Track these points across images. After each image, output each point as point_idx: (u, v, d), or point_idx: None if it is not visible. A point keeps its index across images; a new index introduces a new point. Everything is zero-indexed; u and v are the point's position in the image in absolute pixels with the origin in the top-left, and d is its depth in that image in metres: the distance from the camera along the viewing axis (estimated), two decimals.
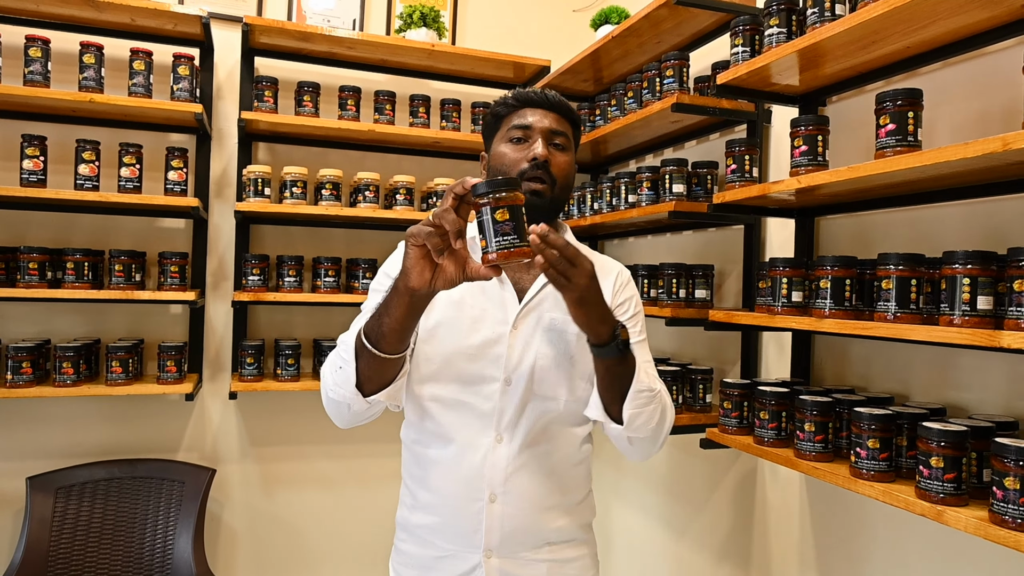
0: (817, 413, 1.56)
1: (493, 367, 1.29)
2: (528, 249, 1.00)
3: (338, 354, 1.20)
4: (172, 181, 2.50)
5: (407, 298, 1.06)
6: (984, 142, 1.14)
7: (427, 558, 1.34)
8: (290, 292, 2.60)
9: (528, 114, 1.32)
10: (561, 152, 1.33)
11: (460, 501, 1.30)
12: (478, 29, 3.15)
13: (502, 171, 1.30)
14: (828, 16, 1.53)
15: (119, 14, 2.45)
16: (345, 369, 1.16)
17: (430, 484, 1.33)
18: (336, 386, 1.19)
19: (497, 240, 1.00)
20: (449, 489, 1.30)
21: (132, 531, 2.49)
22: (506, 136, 1.33)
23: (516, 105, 1.34)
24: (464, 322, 1.29)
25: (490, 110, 1.38)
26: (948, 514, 1.23)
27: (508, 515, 1.29)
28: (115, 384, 2.38)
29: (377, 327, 1.11)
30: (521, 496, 1.30)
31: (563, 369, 1.31)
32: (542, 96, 1.34)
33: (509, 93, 1.36)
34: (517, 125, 1.32)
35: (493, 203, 0.99)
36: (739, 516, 2.26)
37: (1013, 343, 1.11)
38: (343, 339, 1.20)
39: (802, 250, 1.94)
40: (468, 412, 1.30)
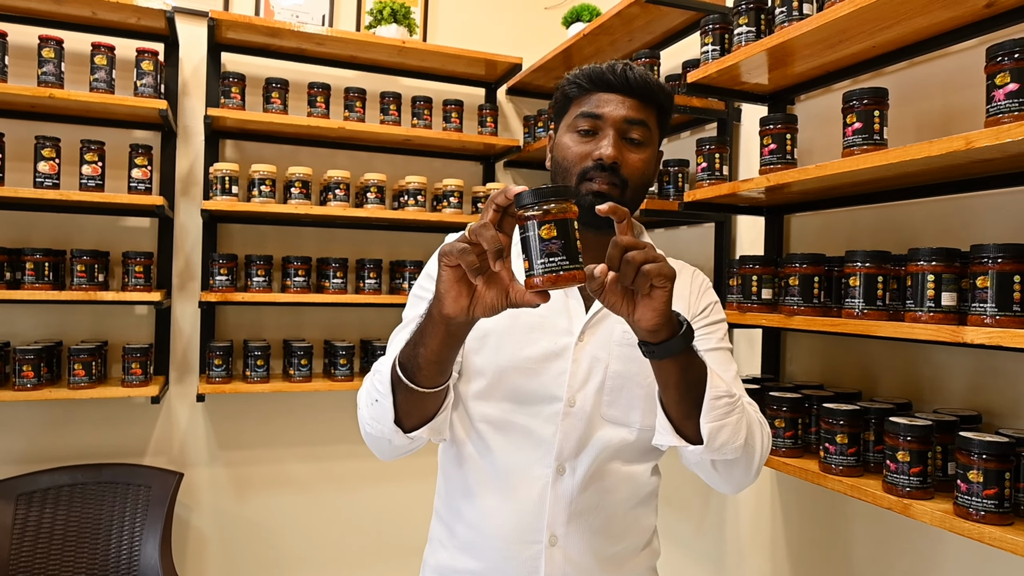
0: (787, 410, 1.57)
1: (555, 385, 1.10)
2: (580, 273, 0.82)
3: (373, 385, 1.01)
4: (136, 179, 2.44)
5: (443, 327, 0.89)
6: (947, 141, 1.15)
7: None
8: (259, 292, 2.56)
9: (601, 101, 1.10)
10: (636, 149, 1.11)
11: (513, 544, 1.10)
12: (449, 26, 3.13)
13: (563, 166, 1.12)
14: (796, 15, 1.55)
15: (79, 7, 2.39)
16: (382, 403, 0.99)
17: (475, 521, 1.13)
18: (373, 421, 1.02)
19: (542, 262, 0.81)
20: (500, 528, 1.11)
21: (97, 538, 2.43)
22: (573, 124, 1.11)
23: (588, 88, 1.11)
24: (520, 330, 1.11)
25: (560, 88, 1.16)
26: (914, 507, 1.25)
27: (572, 560, 1.10)
28: (78, 387, 2.32)
29: (413, 359, 0.94)
30: (586, 538, 1.11)
31: (638, 390, 1.12)
32: (622, 77, 1.09)
33: (584, 69, 1.13)
34: (586, 113, 1.10)
35: (539, 217, 0.81)
36: (712, 513, 2.28)
37: (976, 338, 1.13)
38: (379, 367, 1.03)
39: (772, 247, 1.96)
40: (524, 437, 1.11)
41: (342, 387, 2.63)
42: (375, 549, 2.96)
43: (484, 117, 2.97)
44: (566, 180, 1.11)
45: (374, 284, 2.71)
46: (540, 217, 0.81)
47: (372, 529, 2.96)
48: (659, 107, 1.14)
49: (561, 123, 1.16)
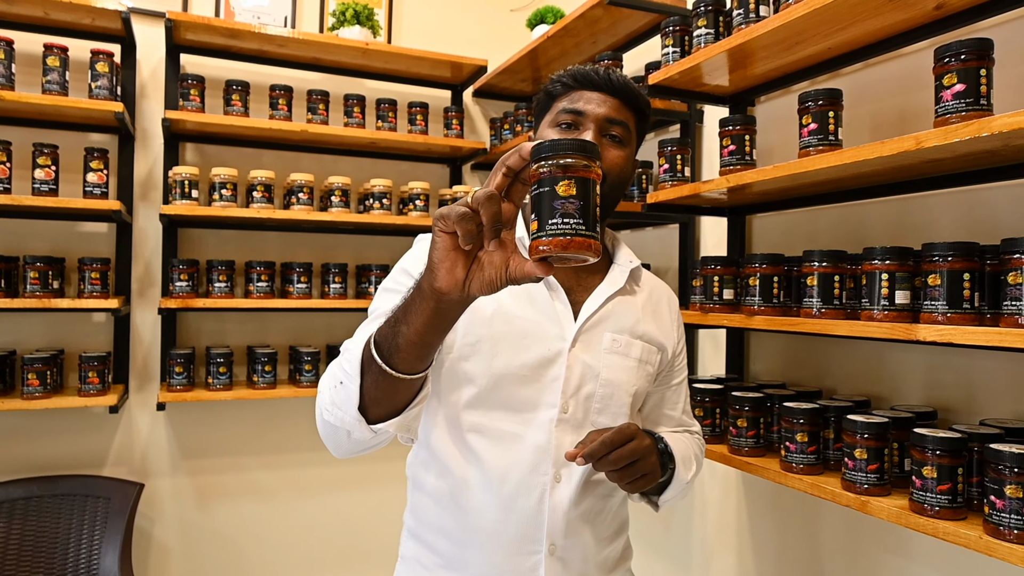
0: (748, 409, 1.58)
1: (549, 392, 1.09)
2: (595, 242, 0.70)
3: (340, 366, 0.91)
4: (91, 183, 2.38)
5: (432, 303, 0.78)
6: (898, 141, 1.17)
7: None
8: (221, 298, 2.51)
9: (583, 98, 1.11)
10: (616, 146, 1.11)
11: (511, 556, 1.07)
12: (414, 28, 3.11)
13: None
14: (753, 17, 1.56)
15: (31, 7, 2.32)
16: (347, 385, 0.89)
17: (466, 540, 1.09)
18: (334, 406, 0.91)
19: (554, 223, 0.68)
20: (497, 544, 1.07)
21: (54, 552, 2.36)
22: (555, 120, 1.12)
23: (572, 85, 1.13)
24: (513, 337, 1.08)
25: (543, 88, 1.17)
26: (872, 504, 1.26)
27: (569, 568, 1.10)
28: (32, 398, 2.25)
29: (392, 337, 0.83)
30: (581, 544, 1.11)
31: (625, 397, 1.14)
32: (604, 77, 1.12)
33: (567, 69, 1.15)
34: (568, 109, 1.11)
35: (557, 171, 0.69)
36: (679, 513, 2.28)
37: (928, 336, 1.14)
38: (349, 346, 0.94)
39: (735, 248, 1.97)
40: (519, 445, 1.08)
41: (307, 393, 2.59)
42: (341, 557, 2.92)
43: (450, 119, 2.95)
44: None
45: (339, 289, 2.67)
46: (560, 172, 0.69)
47: (338, 537, 2.92)
48: (638, 111, 1.16)
49: (543, 120, 1.16)
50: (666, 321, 1.23)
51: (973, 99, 1.13)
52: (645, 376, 1.17)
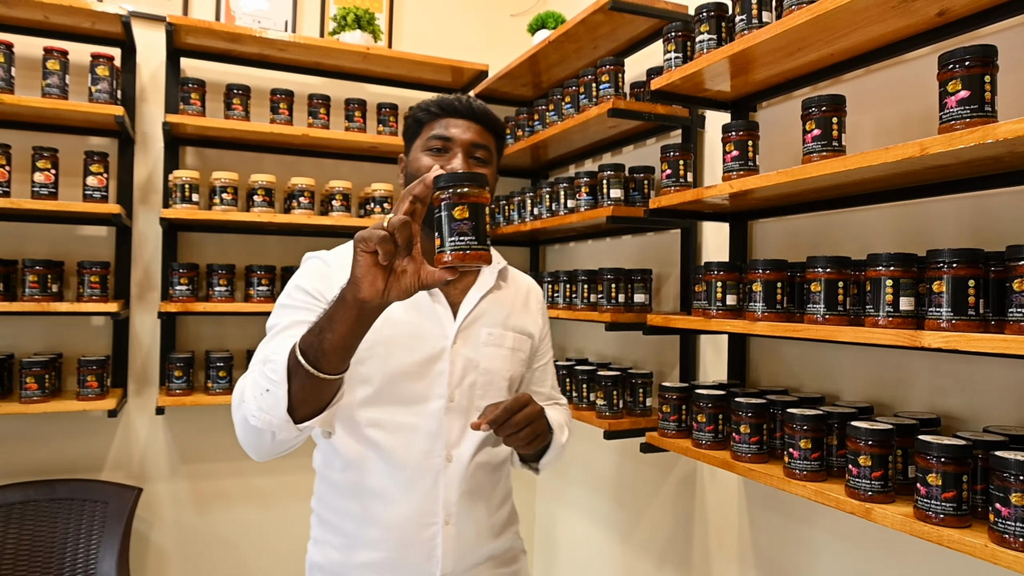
0: (752, 415, 1.57)
1: (436, 385, 1.25)
2: (486, 253, 0.90)
3: (262, 374, 1.02)
4: (91, 187, 2.37)
5: (355, 311, 0.91)
6: (903, 147, 1.17)
7: None
8: (221, 302, 2.50)
9: (450, 125, 1.28)
10: (481, 165, 1.29)
11: (412, 530, 1.23)
12: (414, 33, 3.11)
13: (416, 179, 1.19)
14: (755, 23, 1.56)
15: (31, 10, 2.32)
16: (273, 392, 0.99)
17: (374, 518, 1.23)
18: (261, 411, 1.01)
19: (452, 240, 0.88)
20: (400, 519, 1.22)
21: (51, 556, 2.35)
22: (426, 144, 1.28)
23: (439, 114, 1.29)
24: (402, 339, 1.23)
25: (411, 114, 1.33)
26: (876, 511, 1.26)
27: (462, 535, 1.26)
28: (29, 401, 2.24)
29: (317, 344, 0.96)
30: (473, 512, 1.28)
31: (502, 382, 1.32)
32: (467, 106, 1.28)
33: (433, 99, 1.31)
34: (437, 135, 1.27)
35: (454, 199, 0.89)
36: (680, 518, 2.28)
37: (933, 343, 1.14)
38: (263, 358, 1.06)
39: (737, 254, 1.97)
40: (413, 433, 1.23)
41: None
42: None
43: None
44: None
45: None
46: (456, 199, 0.89)
47: None
48: (497, 135, 1.35)
49: (414, 145, 1.31)
50: (533, 311, 1.43)
51: (978, 105, 1.13)
52: (519, 362, 1.36)
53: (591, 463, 2.79)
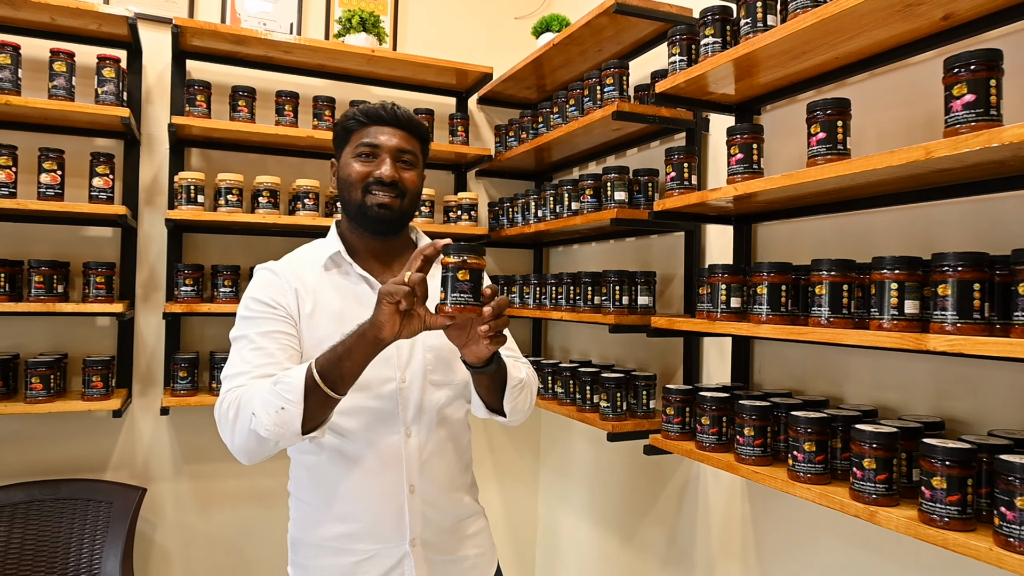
0: (755, 417, 1.58)
1: (387, 368, 1.35)
2: (479, 308, 1.13)
3: (276, 394, 1.16)
4: (97, 188, 2.38)
5: (373, 346, 1.14)
6: (908, 151, 1.17)
7: (346, 566, 1.34)
8: (226, 303, 2.51)
9: (377, 133, 1.37)
10: (408, 168, 1.39)
11: (381, 501, 1.34)
12: (419, 35, 3.12)
13: (349, 183, 1.38)
14: (760, 27, 1.56)
15: (38, 12, 2.33)
16: (289, 410, 1.15)
17: (345, 494, 1.34)
18: (275, 426, 1.16)
19: (454, 295, 1.12)
20: (369, 492, 1.34)
21: (55, 556, 2.36)
22: (356, 151, 1.38)
23: (365, 122, 1.38)
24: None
25: (340, 123, 1.41)
26: (880, 514, 1.26)
27: (427, 502, 1.37)
28: (35, 401, 2.25)
29: (337, 371, 1.15)
30: (435, 481, 1.39)
31: (449, 355, 1.41)
32: (392, 114, 1.38)
33: (359, 108, 1.40)
34: (366, 143, 1.37)
35: (459, 264, 1.12)
36: (683, 521, 2.28)
37: (938, 346, 1.14)
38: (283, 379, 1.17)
39: (740, 256, 1.97)
40: (372, 416, 1.34)
41: None
42: None
43: (455, 126, 2.96)
44: (352, 195, 1.37)
45: None
46: (460, 264, 1.13)
47: None
48: (422, 139, 1.44)
49: (344, 151, 1.41)
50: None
51: (983, 109, 1.14)
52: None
53: (594, 465, 2.79)
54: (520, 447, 3.26)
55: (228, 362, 1.30)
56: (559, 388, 2.42)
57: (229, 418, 1.22)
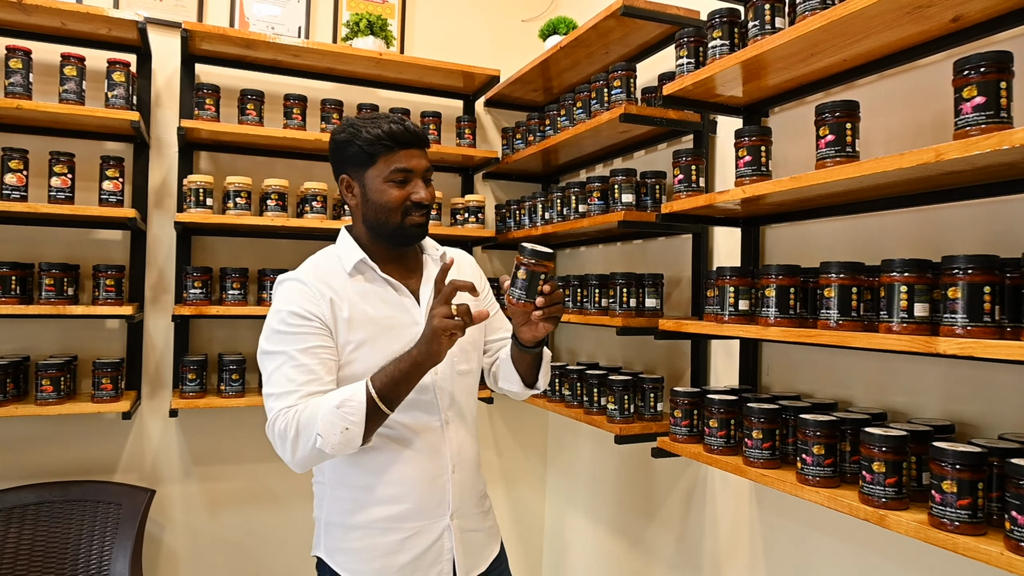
0: (764, 420, 1.57)
1: None
2: (530, 305, 1.34)
3: (340, 417, 1.28)
4: (107, 191, 2.40)
5: (427, 369, 1.32)
6: (918, 153, 1.16)
7: (392, 544, 1.44)
8: (234, 305, 2.52)
9: (407, 157, 1.45)
10: (430, 185, 1.50)
11: (427, 483, 1.46)
12: (427, 38, 3.13)
13: (387, 208, 1.44)
14: (769, 29, 1.56)
15: (49, 18, 2.35)
16: (352, 430, 1.29)
17: (393, 478, 1.44)
18: (340, 445, 1.29)
19: (512, 290, 1.35)
20: (416, 475, 1.45)
21: (64, 557, 2.37)
22: (387, 176, 1.44)
23: (394, 147, 1.44)
24: (383, 333, 1.44)
25: (360, 145, 1.44)
26: (890, 518, 1.25)
27: (463, 480, 1.51)
28: (45, 403, 2.27)
29: (395, 393, 1.32)
30: (468, 460, 1.53)
31: (468, 344, 1.54)
32: (414, 134, 1.46)
33: (383, 132, 1.43)
34: (400, 169, 1.44)
35: (528, 266, 1.33)
36: (691, 524, 2.27)
37: (948, 349, 1.13)
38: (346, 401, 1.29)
39: (748, 259, 1.97)
40: (415, 407, 1.44)
41: None
42: None
43: (462, 129, 2.97)
44: (390, 219, 1.45)
45: None
46: (519, 263, 1.33)
47: None
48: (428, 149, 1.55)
49: (368, 172, 1.46)
50: (470, 277, 1.62)
51: (993, 112, 1.13)
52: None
53: (602, 468, 2.79)
54: (527, 450, 3.26)
55: (269, 378, 1.37)
56: (566, 390, 2.41)
57: (289, 438, 1.32)
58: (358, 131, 1.44)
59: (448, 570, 1.48)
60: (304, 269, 1.47)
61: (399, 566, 1.44)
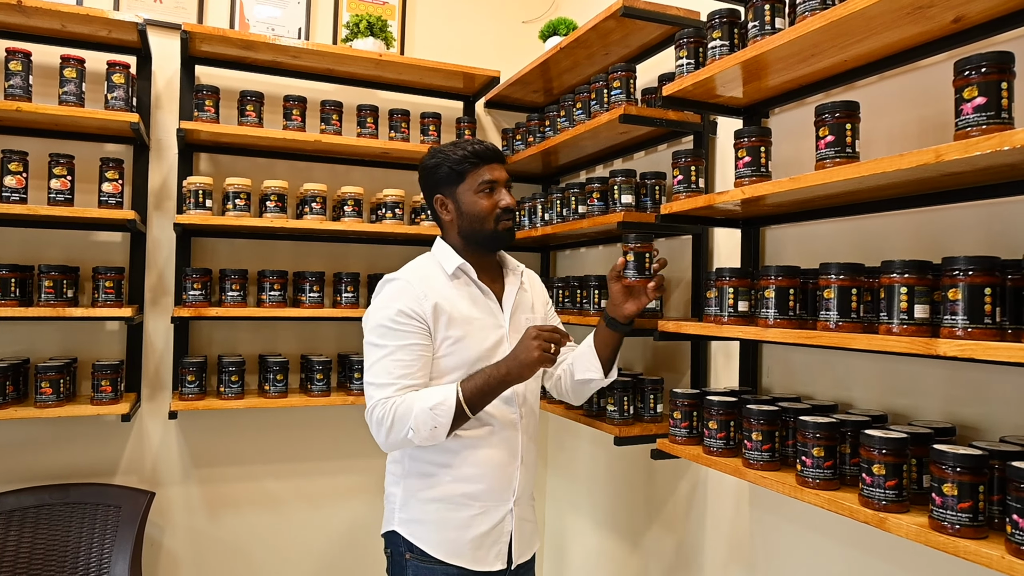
0: (764, 422, 1.56)
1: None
2: (643, 281, 1.68)
3: (432, 416, 1.52)
4: (107, 193, 2.40)
5: (512, 383, 1.58)
6: (918, 154, 1.16)
7: (465, 518, 1.64)
8: (233, 307, 2.52)
9: (490, 170, 1.68)
10: (511, 192, 1.73)
11: (502, 468, 1.66)
12: (427, 39, 3.13)
13: (480, 216, 1.67)
14: (768, 30, 1.56)
15: (49, 20, 2.35)
16: (440, 429, 1.53)
17: (477, 459, 1.64)
18: (430, 439, 1.55)
19: (627, 272, 1.69)
20: (493, 460, 1.65)
21: (64, 560, 2.37)
22: (477, 189, 1.67)
23: (479, 163, 1.67)
24: (475, 331, 1.65)
25: (449, 167, 1.67)
26: (890, 521, 1.24)
27: (527, 471, 1.72)
28: (45, 406, 2.26)
29: (481, 402, 1.57)
30: (531, 453, 1.75)
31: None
32: (495, 152, 1.71)
33: (468, 152, 1.67)
34: (487, 180, 1.67)
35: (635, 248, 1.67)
36: (691, 525, 2.26)
37: (949, 351, 1.13)
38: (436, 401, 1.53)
39: (748, 260, 1.96)
40: (500, 400, 1.65)
41: (319, 402, 2.59)
42: (352, 567, 2.91)
43: (462, 130, 2.96)
44: (484, 225, 1.68)
45: (351, 298, 2.68)
46: (632, 249, 1.67)
47: (349, 546, 2.91)
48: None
49: (458, 189, 1.69)
50: (540, 295, 1.89)
51: (994, 112, 1.12)
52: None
53: (601, 469, 2.78)
54: None
55: (372, 367, 1.60)
56: None
57: (385, 426, 1.55)
58: (447, 155, 1.68)
59: (505, 551, 1.67)
60: (409, 270, 1.68)
61: (467, 539, 1.63)
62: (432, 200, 1.75)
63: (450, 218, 1.72)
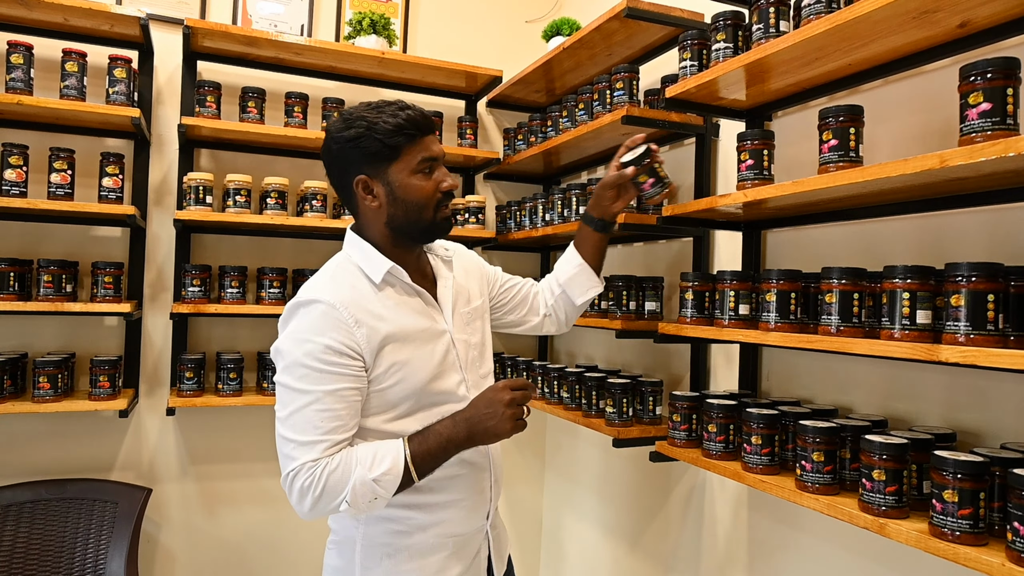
0: (763, 426, 1.56)
1: (453, 372, 1.42)
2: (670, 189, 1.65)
3: (372, 488, 1.24)
4: (107, 188, 2.39)
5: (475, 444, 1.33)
6: (922, 159, 1.15)
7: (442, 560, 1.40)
8: (233, 304, 2.51)
9: (431, 144, 1.36)
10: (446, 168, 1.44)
11: (476, 496, 1.44)
12: (430, 38, 3.12)
13: (419, 204, 1.36)
14: (773, 33, 1.55)
15: (51, 13, 2.34)
16: (381, 500, 1.27)
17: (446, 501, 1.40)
18: (366, 511, 1.28)
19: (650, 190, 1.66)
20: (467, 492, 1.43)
21: (60, 555, 2.36)
22: (415, 168, 1.34)
23: (417, 134, 1.34)
24: (418, 350, 1.36)
25: (379, 139, 1.31)
26: (890, 527, 1.24)
27: (498, 479, 1.52)
28: (42, 401, 2.26)
29: (432, 467, 1.31)
30: (500, 467, 1.54)
31: (484, 341, 1.54)
32: (429, 119, 1.36)
33: (401, 121, 1.31)
34: (426, 158, 1.35)
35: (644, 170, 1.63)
36: (689, 528, 2.26)
37: (951, 357, 1.12)
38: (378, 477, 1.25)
39: (749, 263, 1.96)
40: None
41: None
42: None
43: (464, 129, 2.96)
44: (423, 215, 1.36)
45: None
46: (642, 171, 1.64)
47: None
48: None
49: (393, 168, 1.34)
50: (475, 274, 1.59)
51: (999, 118, 1.12)
52: (486, 312, 1.59)
53: (600, 471, 2.78)
54: (525, 451, 3.25)
55: (290, 418, 1.26)
56: (565, 393, 2.40)
57: (311, 496, 1.24)
58: (372, 124, 1.30)
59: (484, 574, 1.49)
60: (329, 288, 1.30)
61: None
62: (350, 182, 1.36)
63: (377, 205, 1.35)
